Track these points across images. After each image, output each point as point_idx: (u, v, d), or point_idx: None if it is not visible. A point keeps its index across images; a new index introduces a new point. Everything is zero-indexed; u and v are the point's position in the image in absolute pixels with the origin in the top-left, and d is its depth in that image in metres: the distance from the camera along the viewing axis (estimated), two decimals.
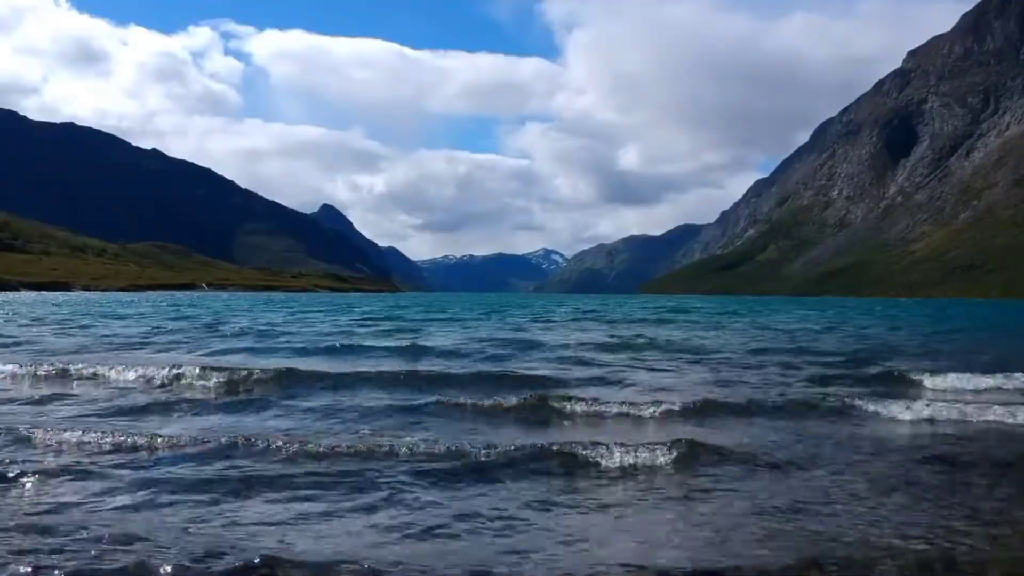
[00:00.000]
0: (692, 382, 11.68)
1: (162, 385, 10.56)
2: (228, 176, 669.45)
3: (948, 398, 9.99)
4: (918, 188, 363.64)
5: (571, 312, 46.43)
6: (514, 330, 24.96)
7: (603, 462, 6.10)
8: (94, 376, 11.10)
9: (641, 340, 19.49)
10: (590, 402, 8.91)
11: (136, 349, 16.06)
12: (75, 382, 10.71)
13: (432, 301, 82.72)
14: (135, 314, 32.99)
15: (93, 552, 4.10)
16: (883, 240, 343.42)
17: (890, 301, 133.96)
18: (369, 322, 28.95)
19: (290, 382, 10.55)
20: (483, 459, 6.11)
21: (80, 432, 6.86)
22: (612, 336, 21.87)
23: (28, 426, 7.16)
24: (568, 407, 8.70)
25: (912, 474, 6.22)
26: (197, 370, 11.02)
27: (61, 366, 11.54)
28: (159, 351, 15.57)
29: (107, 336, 19.78)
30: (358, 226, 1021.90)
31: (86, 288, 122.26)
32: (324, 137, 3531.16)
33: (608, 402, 8.92)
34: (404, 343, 17.58)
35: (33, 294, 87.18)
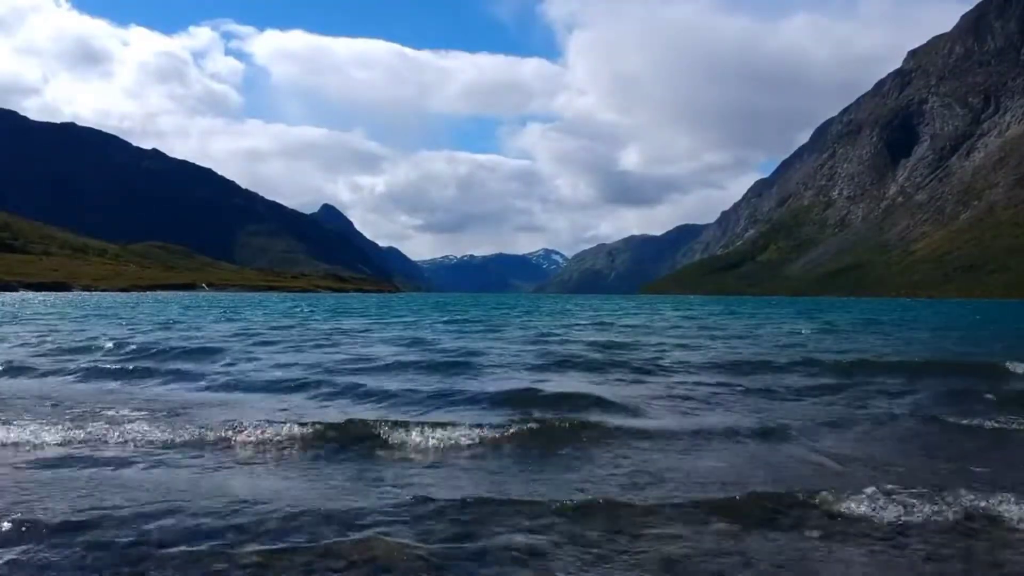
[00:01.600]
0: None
1: None
2: (229, 176, 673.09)
3: None
4: (919, 188, 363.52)
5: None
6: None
7: None
8: None
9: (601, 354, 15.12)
10: None
11: None
12: None
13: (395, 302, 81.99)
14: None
15: None
16: (884, 240, 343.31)
17: (894, 302, 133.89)
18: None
19: None
20: None
21: None
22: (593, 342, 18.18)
23: None
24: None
25: None
26: None
27: None
28: None
29: None
30: (359, 226, 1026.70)
31: (86, 288, 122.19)
32: (325, 138, 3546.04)
33: None
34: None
35: (32, 294, 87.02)
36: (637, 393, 9.67)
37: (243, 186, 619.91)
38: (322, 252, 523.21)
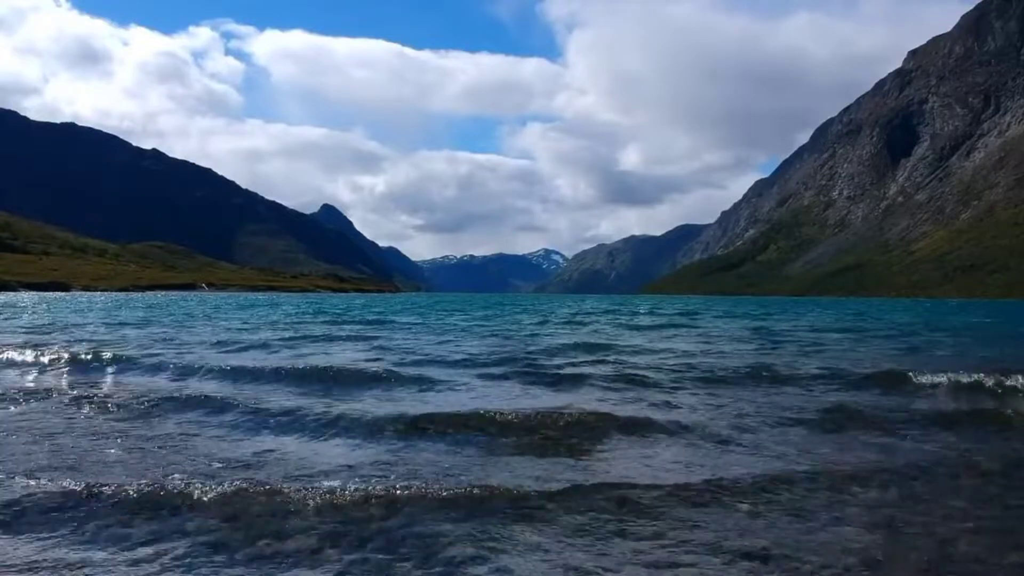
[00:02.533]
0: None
1: None
2: (229, 176, 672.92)
3: None
4: (919, 188, 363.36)
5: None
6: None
7: None
8: None
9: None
10: None
11: None
12: None
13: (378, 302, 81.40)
14: None
15: None
16: (884, 240, 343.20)
17: (896, 302, 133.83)
18: None
19: None
20: None
21: None
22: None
23: None
24: None
25: None
26: None
27: None
28: None
29: None
30: (359, 226, 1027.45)
31: (86, 289, 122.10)
32: (325, 138, 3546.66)
33: None
34: None
35: (32, 295, 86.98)
36: (616, 416, 7.40)
37: (243, 186, 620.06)
38: (322, 252, 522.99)
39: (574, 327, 25.47)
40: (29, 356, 12.48)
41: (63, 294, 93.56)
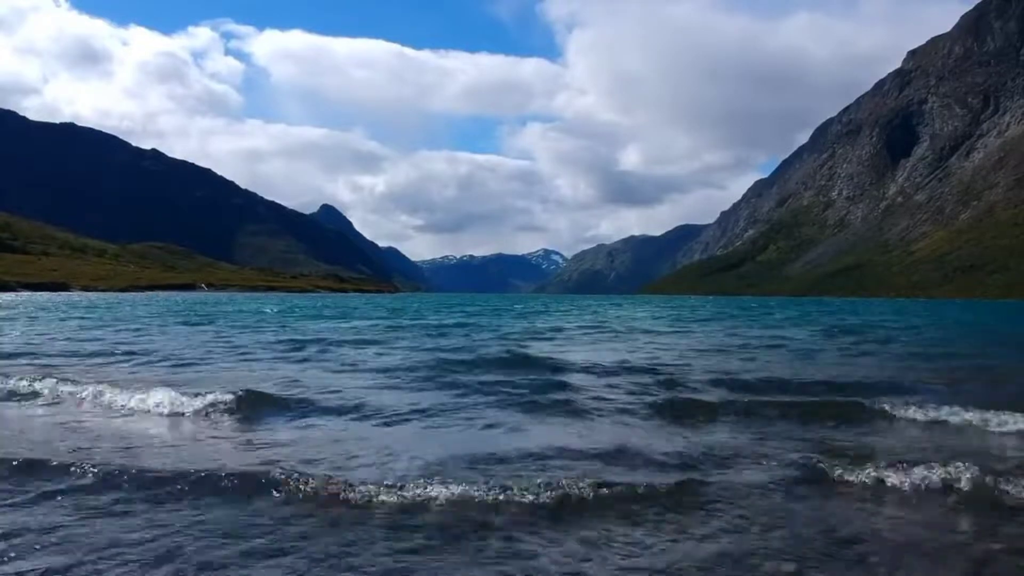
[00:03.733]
0: None
1: None
2: (228, 177, 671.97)
3: None
4: (918, 188, 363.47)
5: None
6: None
7: None
8: None
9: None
10: None
11: None
12: None
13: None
14: None
15: None
16: (884, 240, 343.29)
17: (897, 303, 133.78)
18: None
19: None
20: None
21: None
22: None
23: None
24: None
25: None
26: None
27: None
28: None
29: None
30: (359, 227, 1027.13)
31: (85, 289, 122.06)
32: (325, 138, 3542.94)
33: None
34: None
35: (30, 294, 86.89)
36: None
37: (243, 186, 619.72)
38: (322, 252, 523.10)
39: (552, 334, 22.97)
40: None
41: (57, 294, 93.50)
